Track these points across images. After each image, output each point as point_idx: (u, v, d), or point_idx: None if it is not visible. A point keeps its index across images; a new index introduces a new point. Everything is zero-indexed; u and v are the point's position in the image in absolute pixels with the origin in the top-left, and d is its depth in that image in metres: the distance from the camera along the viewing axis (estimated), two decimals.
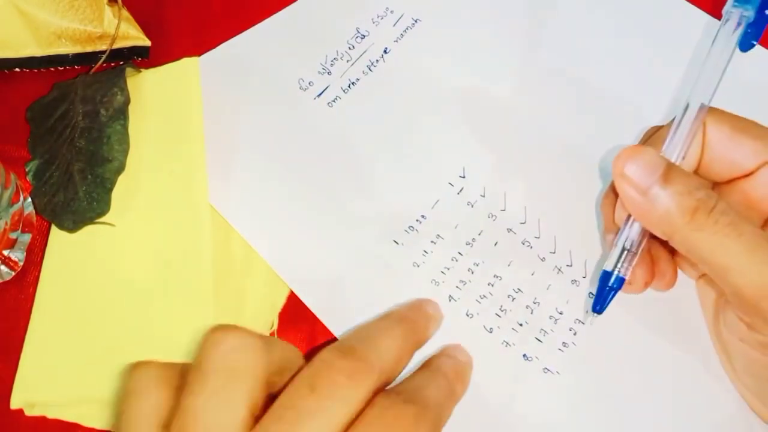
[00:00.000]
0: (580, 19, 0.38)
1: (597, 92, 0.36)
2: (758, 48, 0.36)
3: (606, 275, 0.26)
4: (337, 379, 0.20)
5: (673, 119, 0.26)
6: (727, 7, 0.26)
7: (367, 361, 0.21)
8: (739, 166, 0.25)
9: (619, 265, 0.26)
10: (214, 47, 0.39)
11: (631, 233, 0.26)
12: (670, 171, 0.23)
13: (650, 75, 0.36)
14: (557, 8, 0.38)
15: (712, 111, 0.25)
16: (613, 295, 0.27)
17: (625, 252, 0.26)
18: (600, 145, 0.34)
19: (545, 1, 0.38)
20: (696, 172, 0.26)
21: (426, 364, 0.26)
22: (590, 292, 0.31)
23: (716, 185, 0.27)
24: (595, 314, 0.27)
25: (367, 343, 0.23)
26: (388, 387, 0.23)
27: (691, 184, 0.23)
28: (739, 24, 0.26)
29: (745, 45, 0.26)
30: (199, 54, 0.37)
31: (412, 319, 0.26)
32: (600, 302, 0.27)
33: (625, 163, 0.23)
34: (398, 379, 0.24)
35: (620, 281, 0.26)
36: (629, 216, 0.26)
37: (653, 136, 0.27)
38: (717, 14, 0.37)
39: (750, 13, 0.26)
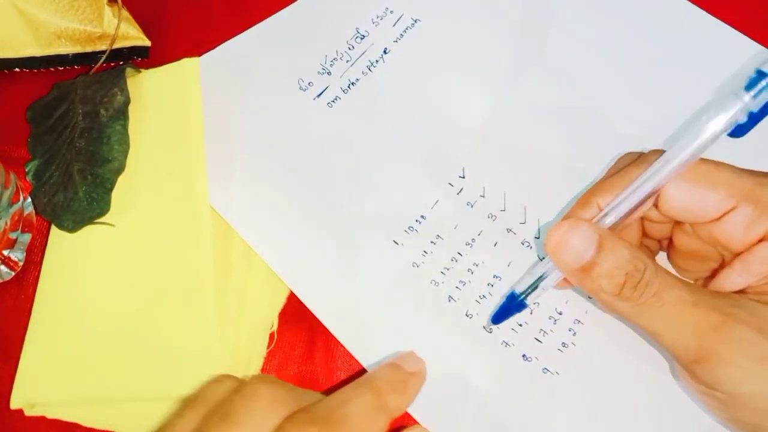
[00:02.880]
0: (581, 23, 0.38)
1: (597, 94, 0.35)
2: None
3: (512, 296, 0.27)
4: None
5: (634, 164, 0.25)
6: (737, 91, 0.22)
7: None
8: (702, 216, 0.25)
9: (527, 291, 0.27)
10: (214, 47, 0.39)
11: (550, 270, 0.26)
12: (601, 247, 0.23)
13: (651, 80, 0.36)
14: (557, 8, 0.38)
15: None
16: (512, 315, 0.28)
17: (537, 285, 0.27)
18: (599, 147, 0.34)
19: (545, 1, 0.38)
20: (656, 208, 0.26)
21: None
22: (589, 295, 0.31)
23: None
24: (492, 324, 0.29)
25: (337, 414, 0.22)
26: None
27: (621, 258, 0.23)
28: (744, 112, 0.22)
29: (736, 133, 0.23)
30: (199, 54, 0.37)
31: (385, 388, 0.24)
32: (500, 317, 0.28)
33: (562, 236, 0.24)
34: None
35: (521, 307, 0.27)
36: None
37: (610, 180, 0.26)
38: (717, 14, 0.37)
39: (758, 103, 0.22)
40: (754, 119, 0.22)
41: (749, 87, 0.22)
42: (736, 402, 0.23)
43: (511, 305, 0.28)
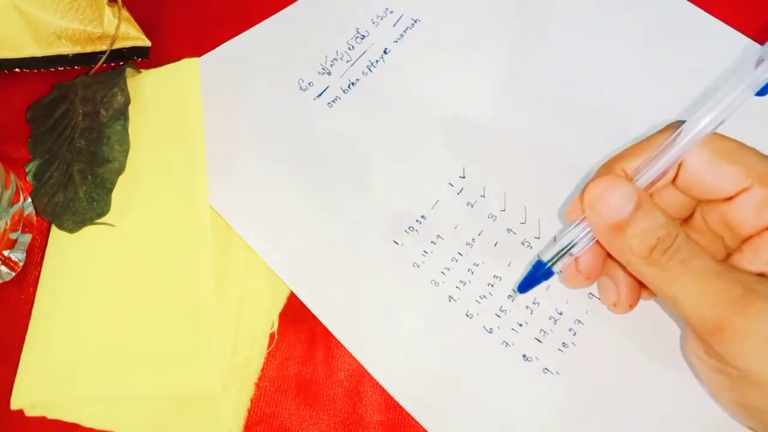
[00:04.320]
0: (581, 20, 0.38)
1: (598, 94, 0.36)
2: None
3: (539, 264, 0.27)
4: None
5: (657, 133, 0.26)
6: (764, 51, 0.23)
7: None
8: (717, 191, 0.25)
9: (554, 260, 0.27)
10: (214, 47, 0.39)
11: (579, 237, 0.26)
12: (639, 207, 0.24)
13: (651, 79, 0.36)
14: (557, 8, 0.38)
15: None
16: (539, 283, 0.28)
17: (565, 252, 0.27)
18: (600, 147, 0.34)
19: (545, 2, 0.38)
20: (674, 183, 0.26)
21: None
22: (590, 293, 0.31)
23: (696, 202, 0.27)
24: (519, 293, 0.29)
25: None
26: None
27: (656, 221, 0.24)
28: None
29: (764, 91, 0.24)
30: (199, 54, 0.37)
31: None
32: (526, 286, 0.28)
33: (602, 190, 0.24)
34: None
35: (549, 274, 0.27)
36: (584, 218, 0.26)
37: (635, 146, 0.27)
38: (716, 14, 0.37)
39: None
40: None
41: None
42: (746, 380, 0.23)
43: (538, 273, 0.27)
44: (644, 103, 0.35)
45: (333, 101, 0.37)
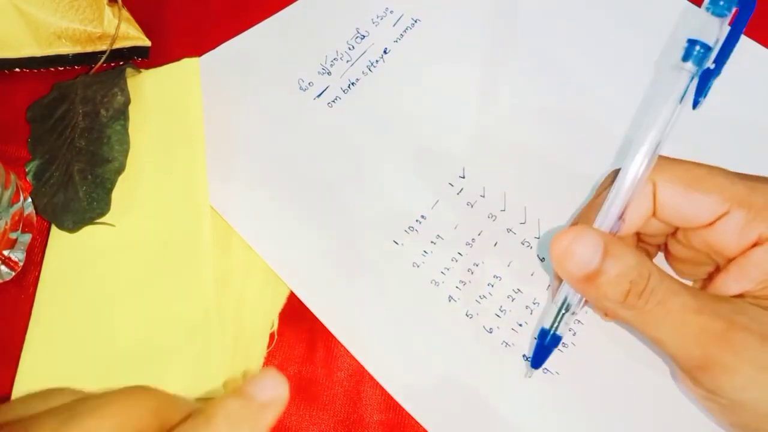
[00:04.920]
0: (583, 24, 0.38)
1: (598, 94, 0.35)
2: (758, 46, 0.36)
3: (543, 333, 0.27)
4: None
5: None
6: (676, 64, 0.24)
7: None
8: (696, 220, 0.25)
9: (556, 324, 0.26)
10: (214, 47, 0.39)
11: (570, 295, 0.26)
12: (607, 253, 0.23)
13: (647, 83, 0.36)
14: (558, 8, 0.38)
15: (662, 166, 0.25)
16: (551, 351, 0.27)
17: (563, 312, 0.26)
18: (600, 147, 0.34)
19: (546, 2, 0.38)
20: (654, 216, 0.26)
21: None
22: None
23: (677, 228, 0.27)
24: (533, 369, 0.28)
25: None
26: None
27: (626, 264, 0.23)
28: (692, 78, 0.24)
29: (695, 102, 0.24)
30: (199, 54, 0.37)
31: (226, 429, 0.19)
32: (539, 360, 0.27)
33: (567, 245, 0.23)
34: None
35: (556, 340, 0.27)
36: None
37: (598, 193, 0.27)
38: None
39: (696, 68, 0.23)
40: (704, 77, 0.23)
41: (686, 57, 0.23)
42: (739, 408, 0.23)
43: (545, 342, 0.27)
44: (644, 105, 0.35)
45: (333, 101, 0.37)
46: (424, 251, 0.32)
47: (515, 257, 0.32)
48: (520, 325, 0.30)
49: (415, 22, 0.39)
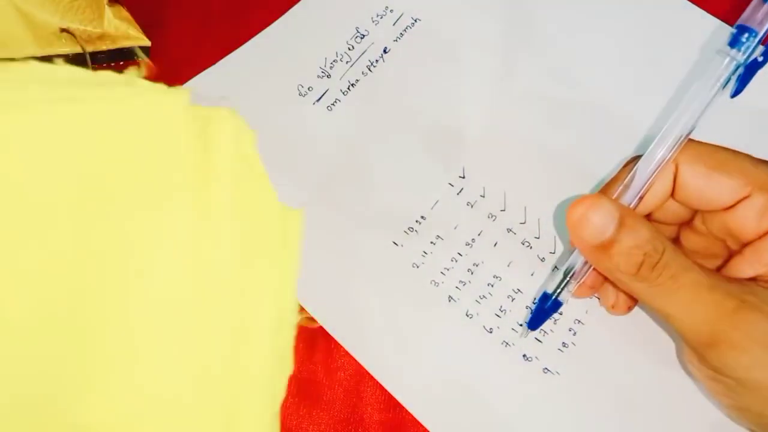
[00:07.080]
0: (582, 23, 0.38)
1: (599, 94, 0.35)
2: None
3: (545, 297, 0.27)
4: None
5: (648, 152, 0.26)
6: (721, 48, 0.24)
7: None
8: (716, 202, 0.25)
9: (558, 290, 0.27)
10: (214, 47, 0.38)
11: (578, 262, 0.26)
12: (622, 224, 0.23)
13: (649, 79, 0.36)
14: (558, 8, 0.38)
15: (686, 147, 0.25)
16: (549, 316, 0.28)
17: (568, 279, 0.27)
18: (600, 147, 0.34)
19: (546, 1, 0.38)
20: (672, 197, 0.26)
21: None
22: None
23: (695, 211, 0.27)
24: (529, 330, 0.29)
25: None
26: None
27: (641, 237, 0.23)
28: (736, 68, 0.24)
29: (736, 91, 0.24)
30: (199, 55, 0.37)
31: None
32: (536, 322, 0.28)
33: (583, 212, 0.24)
34: None
35: (557, 305, 0.27)
36: None
37: (620, 172, 0.27)
38: (715, 13, 0.37)
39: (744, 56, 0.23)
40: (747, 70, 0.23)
41: (733, 44, 0.23)
42: (743, 388, 0.23)
43: (546, 306, 0.27)
44: (644, 102, 0.35)
45: (332, 104, 0.37)
46: (424, 252, 0.32)
47: (515, 257, 0.32)
48: (520, 324, 0.30)
49: (415, 21, 0.39)
